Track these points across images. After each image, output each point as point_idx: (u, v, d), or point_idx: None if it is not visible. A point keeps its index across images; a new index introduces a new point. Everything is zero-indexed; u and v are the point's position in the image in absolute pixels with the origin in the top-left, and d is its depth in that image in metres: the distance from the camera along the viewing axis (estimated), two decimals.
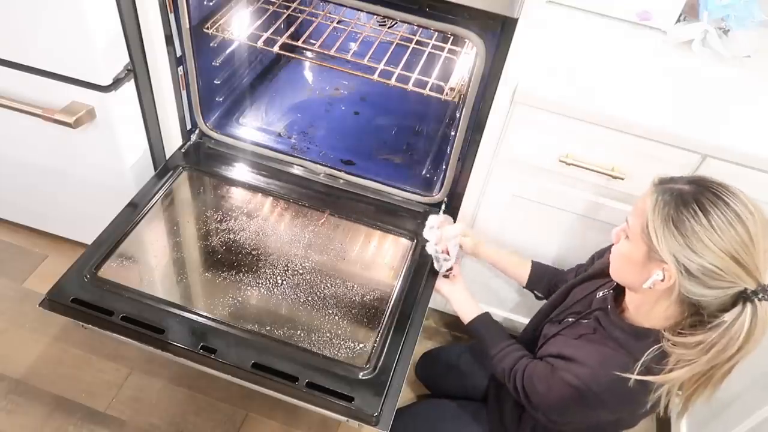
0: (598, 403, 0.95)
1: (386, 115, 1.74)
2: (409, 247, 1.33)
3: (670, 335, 0.86)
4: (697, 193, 0.83)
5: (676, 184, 0.87)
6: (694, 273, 0.81)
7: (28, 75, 1.29)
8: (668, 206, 0.84)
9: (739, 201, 0.82)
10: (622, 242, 0.94)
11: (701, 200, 0.82)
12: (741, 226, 0.80)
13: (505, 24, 1.08)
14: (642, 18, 1.41)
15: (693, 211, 0.81)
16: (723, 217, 0.80)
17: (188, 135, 1.52)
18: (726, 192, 0.83)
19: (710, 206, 0.81)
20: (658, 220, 0.84)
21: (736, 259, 0.79)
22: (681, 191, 0.84)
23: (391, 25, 1.59)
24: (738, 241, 0.80)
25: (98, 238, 1.23)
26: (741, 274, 0.80)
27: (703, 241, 0.80)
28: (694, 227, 0.81)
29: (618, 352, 0.95)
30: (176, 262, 1.24)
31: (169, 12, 1.26)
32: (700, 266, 0.80)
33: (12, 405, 1.49)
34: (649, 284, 0.87)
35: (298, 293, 1.20)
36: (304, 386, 1.03)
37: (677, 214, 0.82)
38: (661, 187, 0.87)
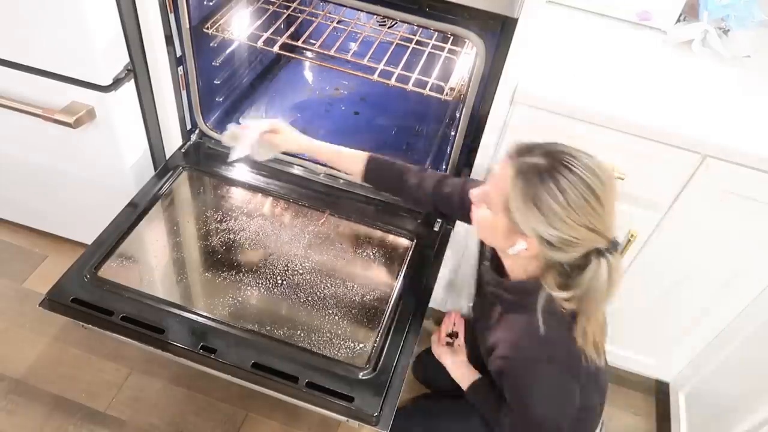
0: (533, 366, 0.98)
1: (386, 115, 1.74)
2: (409, 247, 1.33)
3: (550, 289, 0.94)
4: (551, 168, 0.88)
5: (532, 156, 0.90)
6: (555, 244, 0.89)
7: (28, 75, 1.29)
8: (527, 184, 0.88)
9: (590, 171, 0.87)
10: (484, 209, 0.97)
11: (556, 176, 0.87)
12: (594, 198, 0.87)
13: (505, 24, 1.08)
14: (642, 18, 1.41)
15: (550, 190, 0.87)
16: (578, 192, 0.86)
17: (188, 135, 1.52)
18: (577, 163, 0.88)
19: (565, 183, 0.86)
20: (518, 198, 0.89)
21: (590, 228, 0.87)
22: (537, 166, 0.88)
23: (391, 25, 1.59)
24: (592, 212, 0.87)
25: (98, 238, 1.23)
26: (595, 238, 0.88)
27: (561, 218, 0.87)
28: (553, 206, 0.87)
29: (519, 313, 1.00)
30: (176, 262, 1.24)
31: (169, 12, 1.26)
32: (560, 238, 0.88)
33: (12, 405, 1.49)
34: (515, 251, 0.95)
35: (298, 293, 1.20)
36: (304, 386, 1.03)
37: (536, 192, 0.87)
38: (519, 161, 0.91)
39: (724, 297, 1.36)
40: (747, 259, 1.27)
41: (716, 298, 1.37)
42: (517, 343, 1.00)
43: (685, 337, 1.49)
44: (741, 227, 1.23)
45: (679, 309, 1.43)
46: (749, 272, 1.29)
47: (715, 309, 1.39)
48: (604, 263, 0.88)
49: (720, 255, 1.29)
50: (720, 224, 1.24)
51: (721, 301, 1.37)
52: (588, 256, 0.89)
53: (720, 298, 1.36)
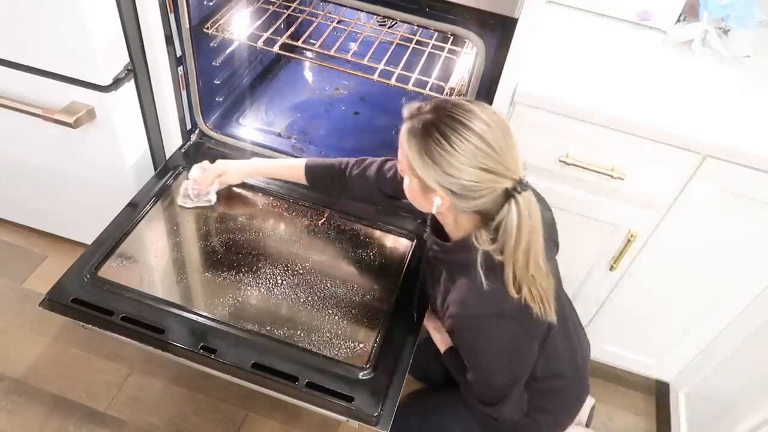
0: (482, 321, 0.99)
1: (386, 115, 1.74)
2: (409, 247, 1.33)
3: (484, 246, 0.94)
4: (437, 120, 0.90)
5: (421, 114, 0.93)
6: (459, 192, 0.91)
7: (28, 75, 1.29)
8: (417, 139, 0.91)
9: (474, 116, 0.89)
10: (406, 177, 1.00)
11: (441, 127, 0.89)
12: (479, 139, 0.88)
13: (505, 24, 1.08)
14: (642, 18, 1.41)
15: (437, 140, 0.89)
16: (461, 137, 0.88)
17: (188, 135, 1.52)
18: (461, 112, 0.90)
19: (449, 131, 0.89)
20: (414, 154, 0.92)
21: (485, 169, 0.89)
22: (425, 121, 0.91)
23: (391, 25, 1.59)
24: (481, 154, 0.88)
25: (98, 238, 1.23)
26: (496, 179, 0.89)
27: (452, 164, 0.89)
28: (441, 154, 0.89)
29: (463, 273, 1.01)
30: (176, 262, 1.24)
31: (169, 12, 1.26)
32: (460, 185, 0.90)
33: (12, 405, 1.49)
34: (435, 209, 0.97)
35: (298, 293, 1.20)
36: (304, 386, 1.03)
37: (426, 145, 0.90)
38: (410, 122, 0.94)
39: (724, 297, 1.36)
40: (747, 259, 1.27)
41: (716, 298, 1.37)
42: (463, 301, 1.00)
43: (685, 337, 1.49)
44: (741, 227, 1.23)
45: (679, 309, 1.43)
46: (749, 272, 1.29)
47: (715, 309, 1.39)
48: (513, 203, 0.89)
49: (720, 255, 1.29)
50: (720, 224, 1.24)
51: (721, 301, 1.37)
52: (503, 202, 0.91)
53: (720, 298, 1.36)
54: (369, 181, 1.21)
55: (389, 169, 1.19)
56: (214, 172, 1.33)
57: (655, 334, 1.52)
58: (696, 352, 1.51)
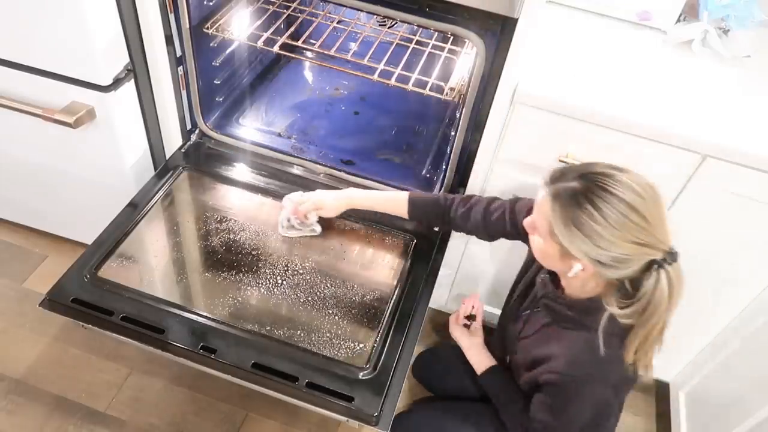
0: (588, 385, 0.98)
1: (386, 115, 1.74)
2: (409, 247, 1.33)
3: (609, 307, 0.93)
4: (587, 190, 0.88)
5: (566, 181, 0.90)
6: (607, 263, 0.89)
7: (28, 75, 1.29)
8: (565, 209, 0.89)
9: (626, 188, 0.87)
10: (537, 237, 0.98)
11: (593, 199, 0.87)
12: (634, 213, 0.86)
13: (505, 24, 1.08)
14: (642, 18, 1.41)
15: (588, 211, 0.87)
16: (616, 211, 0.86)
17: (188, 135, 1.52)
18: (612, 182, 0.87)
19: (601, 203, 0.86)
20: (560, 225, 0.90)
21: (638, 243, 0.87)
22: (573, 190, 0.89)
23: (391, 25, 1.59)
24: (635, 227, 0.86)
25: (98, 238, 1.23)
26: (647, 251, 0.87)
27: (605, 238, 0.87)
28: (594, 228, 0.87)
29: (579, 332, 1.00)
30: (176, 262, 1.24)
31: (169, 12, 1.26)
32: (610, 257, 0.88)
33: (12, 405, 1.49)
34: (573, 274, 0.94)
35: (298, 293, 1.20)
36: (304, 386, 1.03)
37: (576, 216, 0.88)
38: (554, 188, 0.91)
39: (725, 297, 1.36)
40: (747, 259, 1.27)
41: (716, 298, 1.37)
42: (574, 361, 0.99)
43: (685, 337, 1.48)
44: (741, 227, 1.23)
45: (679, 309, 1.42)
46: (749, 272, 1.29)
47: (715, 309, 1.39)
48: (663, 274, 0.87)
49: (720, 255, 1.29)
50: (720, 224, 1.23)
51: (721, 301, 1.37)
52: (646, 269, 0.88)
53: (720, 297, 1.36)
54: (475, 222, 1.19)
55: (496, 210, 1.17)
56: (310, 206, 1.28)
57: None
58: (696, 352, 1.51)
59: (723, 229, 1.24)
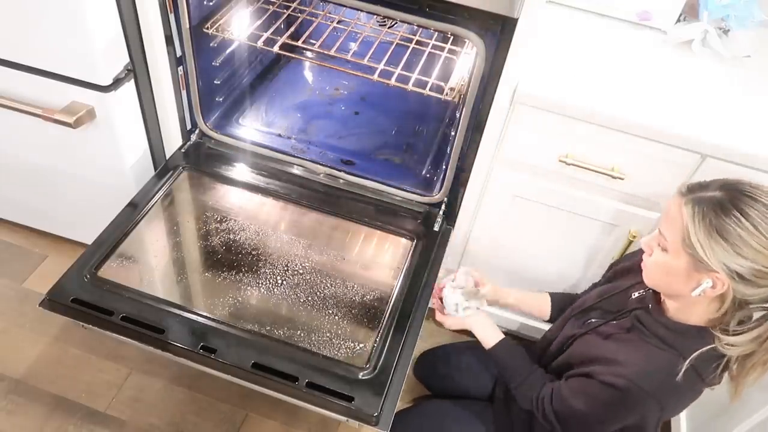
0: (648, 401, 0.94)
1: (386, 115, 1.74)
2: (409, 247, 1.33)
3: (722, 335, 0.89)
4: (733, 198, 0.84)
5: (708, 191, 0.87)
6: (747, 276, 0.83)
7: (28, 75, 1.29)
8: (708, 216, 0.84)
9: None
10: (658, 253, 0.93)
11: (740, 205, 0.83)
12: None
13: (505, 24, 1.08)
14: (642, 18, 1.41)
15: (735, 218, 0.83)
16: (765, 218, 0.82)
17: (188, 135, 1.52)
18: (759, 192, 0.84)
19: (750, 210, 0.83)
20: (701, 231, 0.85)
21: None
22: (717, 199, 0.85)
23: (391, 25, 1.59)
24: None
25: (98, 238, 1.23)
26: None
27: (751, 245, 0.82)
28: (740, 234, 0.82)
29: (663, 350, 0.96)
30: (176, 262, 1.24)
31: (169, 12, 1.26)
32: (752, 269, 0.83)
33: (12, 405, 1.49)
34: (699, 292, 0.88)
35: (298, 293, 1.20)
36: (304, 386, 1.03)
37: (720, 223, 0.83)
38: (695, 197, 0.87)
39: None
40: None
41: None
42: (649, 375, 0.95)
43: None
44: None
45: None
46: None
47: None
48: None
49: None
50: None
51: None
52: None
53: None
54: None
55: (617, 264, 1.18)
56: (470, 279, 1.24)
57: None
58: None
59: None
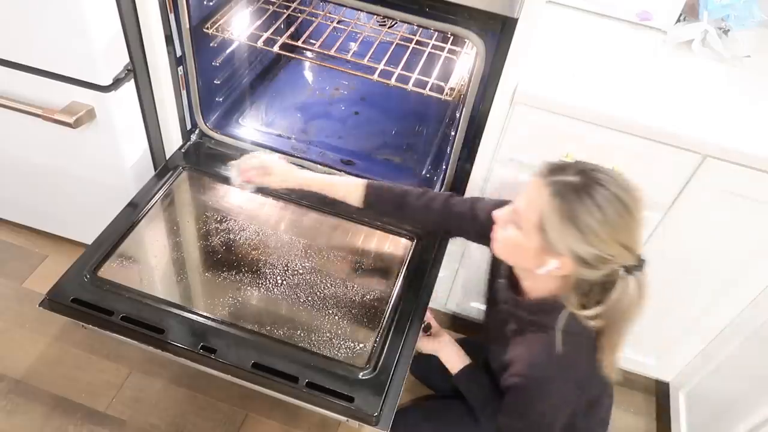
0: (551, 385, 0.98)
1: (386, 115, 1.74)
2: (409, 247, 1.33)
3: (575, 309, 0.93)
4: (587, 186, 0.87)
5: (565, 175, 0.89)
6: (590, 262, 0.88)
7: (28, 75, 1.29)
8: (563, 202, 0.87)
9: (623, 189, 0.87)
10: (512, 229, 0.95)
11: (594, 195, 0.86)
12: (628, 214, 0.87)
13: (505, 24, 1.08)
14: (642, 18, 1.41)
15: (588, 208, 0.86)
16: (614, 210, 0.86)
17: (188, 135, 1.52)
18: (611, 181, 0.87)
19: (602, 200, 0.86)
20: (555, 217, 0.88)
21: (624, 245, 0.87)
22: (573, 185, 0.88)
23: (391, 25, 1.59)
24: (626, 228, 0.87)
25: (98, 238, 1.23)
26: (626, 254, 0.88)
27: (599, 235, 0.86)
28: (590, 223, 0.86)
29: (537, 332, 0.99)
30: (176, 262, 1.24)
31: (169, 12, 1.26)
32: (596, 256, 0.87)
33: (12, 405, 1.49)
34: (545, 271, 0.93)
35: (298, 293, 1.20)
36: (304, 386, 1.03)
37: (573, 211, 0.87)
38: (554, 180, 0.89)
39: (724, 297, 1.36)
40: (747, 259, 1.27)
41: (716, 298, 1.37)
42: (534, 362, 0.98)
43: (685, 337, 1.48)
44: (741, 227, 1.23)
45: (680, 309, 1.43)
46: (749, 272, 1.29)
47: (715, 309, 1.39)
48: (633, 280, 0.88)
49: (720, 255, 1.29)
50: (720, 224, 1.23)
51: (721, 301, 1.37)
52: (612, 273, 0.89)
53: (720, 297, 1.36)
54: (433, 213, 1.16)
55: (455, 205, 1.15)
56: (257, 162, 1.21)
57: (655, 334, 1.52)
58: (696, 352, 1.51)
59: (723, 229, 1.24)
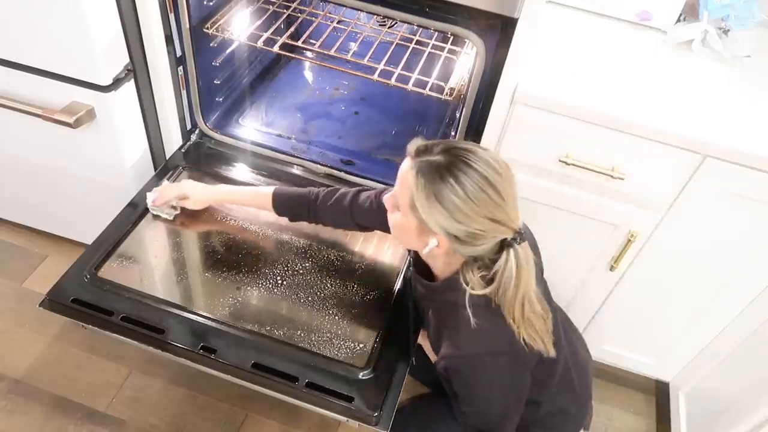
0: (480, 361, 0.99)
1: (386, 115, 1.74)
2: None
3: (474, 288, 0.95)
4: (450, 164, 0.89)
5: (431, 155, 0.92)
6: (462, 238, 0.91)
7: (28, 75, 1.29)
8: (428, 181, 0.90)
9: (486, 165, 0.90)
10: (397, 213, 0.98)
11: (455, 172, 0.89)
12: (492, 189, 0.89)
13: (505, 24, 1.08)
14: (642, 18, 1.41)
15: (450, 185, 0.88)
16: (476, 185, 0.88)
17: (188, 135, 1.52)
18: (474, 158, 0.90)
19: (464, 177, 0.88)
20: (422, 196, 0.90)
21: (493, 219, 0.90)
22: (437, 164, 0.90)
23: (391, 25, 1.59)
24: (492, 203, 0.89)
25: (98, 238, 1.23)
26: (499, 228, 0.91)
27: (464, 211, 0.88)
28: (454, 200, 0.88)
29: (450, 311, 1.00)
30: (176, 262, 1.24)
31: (169, 12, 1.27)
32: (466, 232, 0.90)
33: (12, 405, 1.49)
34: (427, 250, 0.96)
35: (298, 293, 1.20)
36: (304, 386, 1.03)
37: (437, 189, 0.89)
38: (419, 161, 0.92)
39: (724, 297, 1.36)
40: (747, 259, 1.27)
41: (716, 298, 1.37)
42: (454, 343, 1.00)
43: (685, 337, 1.49)
44: (741, 227, 1.23)
45: (679, 309, 1.43)
46: (749, 272, 1.29)
47: (715, 309, 1.39)
48: (512, 253, 0.91)
49: (720, 255, 1.29)
50: (720, 224, 1.24)
51: (721, 301, 1.37)
52: (499, 250, 0.92)
53: (720, 297, 1.36)
54: (341, 211, 1.19)
55: (365, 201, 1.17)
56: (176, 192, 1.28)
57: (655, 334, 1.52)
58: (696, 352, 1.51)
59: (722, 229, 1.24)
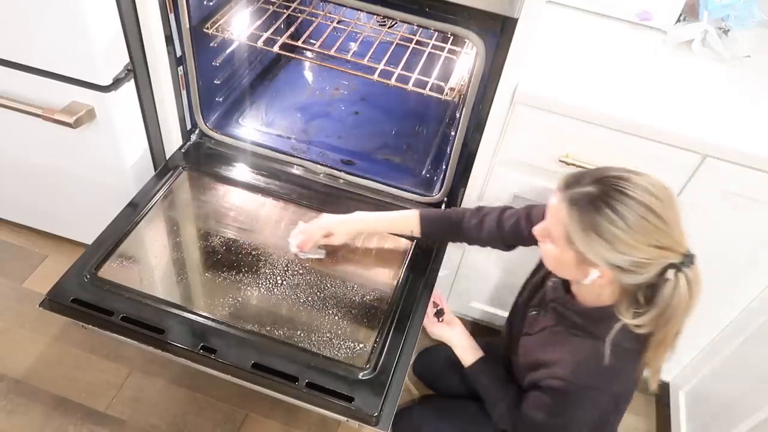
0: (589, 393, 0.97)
1: (386, 115, 1.74)
2: (409, 247, 1.33)
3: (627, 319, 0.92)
4: (603, 194, 0.87)
5: (581, 186, 0.89)
6: (627, 268, 0.87)
7: (28, 75, 1.29)
8: (583, 214, 0.87)
9: (642, 190, 0.86)
10: (549, 245, 0.96)
11: (610, 202, 0.86)
12: (652, 215, 0.85)
13: (505, 24, 1.08)
14: (642, 18, 1.41)
15: (607, 216, 0.85)
16: (635, 214, 0.85)
17: (188, 135, 1.52)
18: (629, 185, 0.86)
19: (621, 206, 0.85)
20: (578, 230, 0.88)
21: (657, 246, 0.86)
22: (590, 195, 0.87)
23: (391, 25, 1.59)
24: (655, 230, 0.85)
25: (98, 238, 1.23)
26: (666, 254, 0.86)
27: (625, 241, 0.85)
28: (614, 231, 0.85)
29: (585, 339, 0.99)
30: (176, 262, 1.24)
31: (169, 12, 1.26)
32: (630, 262, 0.86)
33: (12, 405, 1.49)
34: (589, 281, 0.93)
35: (298, 293, 1.20)
36: (304, 386, 1.03)
37: (595, 222, 0.86)
38: (569, 194, 0.90)
39: (724, 297, 1.36)
40: (747, 259, 1.27)
41: (716, 298, 1.37)
42: (579, 369, 0.98)
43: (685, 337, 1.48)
44: (741, 227, 1.23)
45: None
46: (749, 272, 1.29)
47: (715, 308, 1.39)
48: (682, 277, 0.86)
49: (720, 255, 1.29)
50: (720, 224, 1.23)
51: (721, 301, 1.37)
52: (662, 273, 0.87)
53: (720, 297, 1.36)
54: (489, 232, 1.18)
55: (509, 218, 1.16)
56: (320, 232, 1.25)
57: None
58: (696, 352, 1.51)
59: (723, 229, 1.24)
